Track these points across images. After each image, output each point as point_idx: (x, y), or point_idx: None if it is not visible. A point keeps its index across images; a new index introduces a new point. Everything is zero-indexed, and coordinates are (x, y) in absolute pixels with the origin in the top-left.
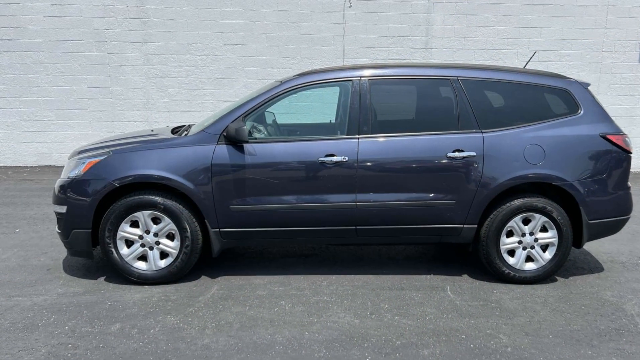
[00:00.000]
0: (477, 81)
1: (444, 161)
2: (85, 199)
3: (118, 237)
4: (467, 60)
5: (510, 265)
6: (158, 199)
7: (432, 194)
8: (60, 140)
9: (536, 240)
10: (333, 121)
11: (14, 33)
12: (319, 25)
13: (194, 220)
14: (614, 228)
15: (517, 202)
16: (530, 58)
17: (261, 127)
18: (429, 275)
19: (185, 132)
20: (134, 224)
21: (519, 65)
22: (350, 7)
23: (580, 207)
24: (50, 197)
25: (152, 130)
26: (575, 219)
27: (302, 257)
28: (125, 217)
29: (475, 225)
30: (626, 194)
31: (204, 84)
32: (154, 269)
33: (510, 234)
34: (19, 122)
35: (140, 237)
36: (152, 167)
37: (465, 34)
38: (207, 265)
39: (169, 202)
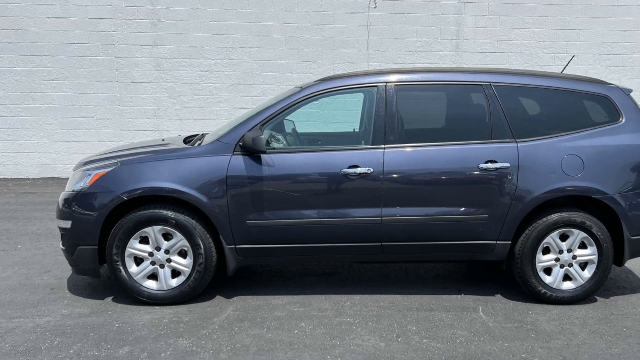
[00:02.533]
0: (511, 87)
1: (475, 173)
2: (91, 213)
3: (126, 254)
4: (501, 64)
5: (546, 284)
6: (169, 213)
7: (463, 208)
8: (64, 150)
9: (574, 257)
10: (357, 130)
11: (15, 35)
12: (341, 27)
13: (208, 236)
14: None
15: (554, 216)
16: (568, 62)
17: (280, 137)
18: (459, 295)
19: (199, 142)
20: (144, 240)
21: (556, 70)
22: (375, 7)
23: (621, 222)
24: (54, 211)
25: (163, 140)
26: (617, 235)
27: (324, 275)
28: (134, 233)
29: (509, 242)
30: None
31: (219, 90)
32: (165, 288)
33: (546, 250)
34: (21, 131)
35: (151, 254)
36: (163, 179)
37: (499, 37)
38: (222, 285)
39: (181, 217)
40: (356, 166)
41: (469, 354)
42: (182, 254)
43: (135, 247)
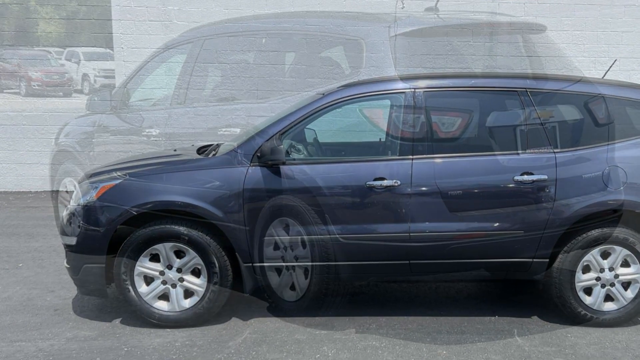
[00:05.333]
0: (548, 93)
1: (510, 186)
2: (98, 229)
3: (136, 273)
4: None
5: (586, 305)
6: (182, 229)
7: (497, 224)
8: None
9: (617, 276)
10: (383, 139)
11: (16, 38)
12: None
13: (223, 253)
14: None
15: (595, 232)
16: (610, 67)
17: (300, 147)
18: (493, 317)
19: (213, 152)
20: (154, 258)
21: (597, 75)
22: (402, 8)
23: None
24: (58, 227)
25: (175, 150)
26: None
27: (347, 295)
28: (144, 250)
29: (547, 260)
30: None
31: (235, 96)
32: (177, 309)
33: (586, 269)
34: (23, 140)
35: (162, 273)
36: (174, 192)
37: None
38: (238, 306)
39: (195, 233)
40: (382, 178)
41: None
42: (196, 272)
43: (145, 265)
